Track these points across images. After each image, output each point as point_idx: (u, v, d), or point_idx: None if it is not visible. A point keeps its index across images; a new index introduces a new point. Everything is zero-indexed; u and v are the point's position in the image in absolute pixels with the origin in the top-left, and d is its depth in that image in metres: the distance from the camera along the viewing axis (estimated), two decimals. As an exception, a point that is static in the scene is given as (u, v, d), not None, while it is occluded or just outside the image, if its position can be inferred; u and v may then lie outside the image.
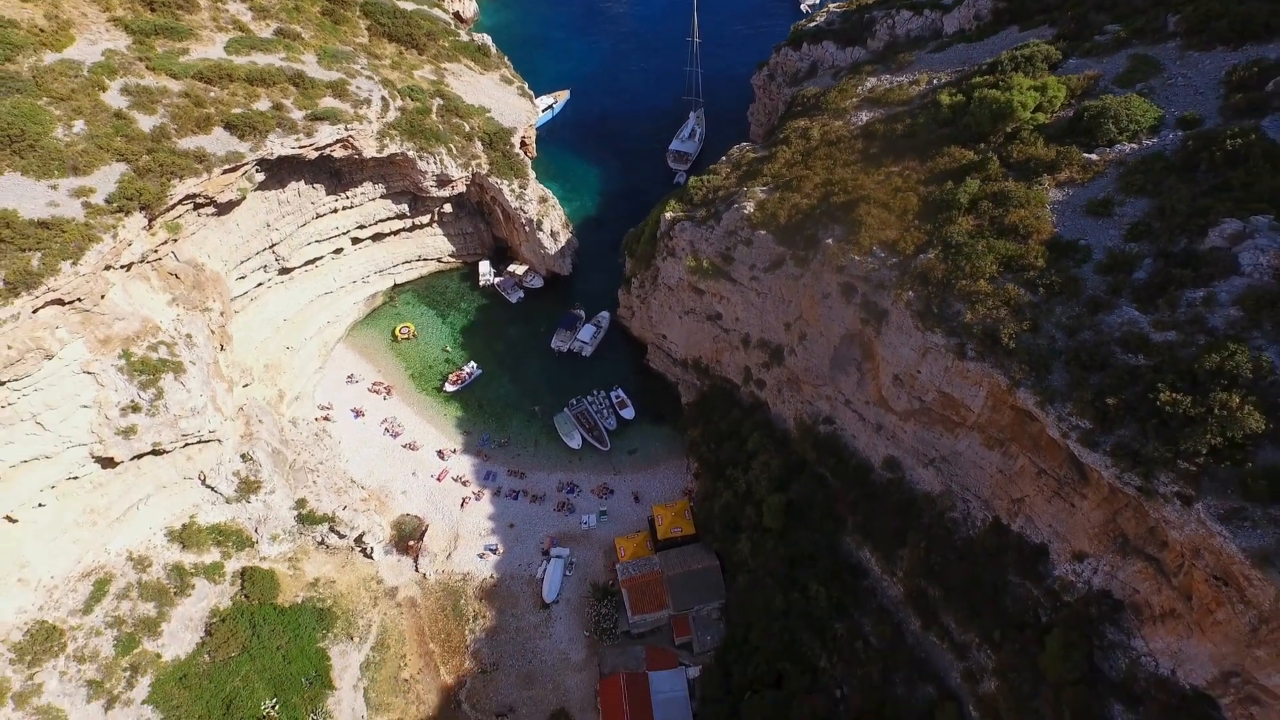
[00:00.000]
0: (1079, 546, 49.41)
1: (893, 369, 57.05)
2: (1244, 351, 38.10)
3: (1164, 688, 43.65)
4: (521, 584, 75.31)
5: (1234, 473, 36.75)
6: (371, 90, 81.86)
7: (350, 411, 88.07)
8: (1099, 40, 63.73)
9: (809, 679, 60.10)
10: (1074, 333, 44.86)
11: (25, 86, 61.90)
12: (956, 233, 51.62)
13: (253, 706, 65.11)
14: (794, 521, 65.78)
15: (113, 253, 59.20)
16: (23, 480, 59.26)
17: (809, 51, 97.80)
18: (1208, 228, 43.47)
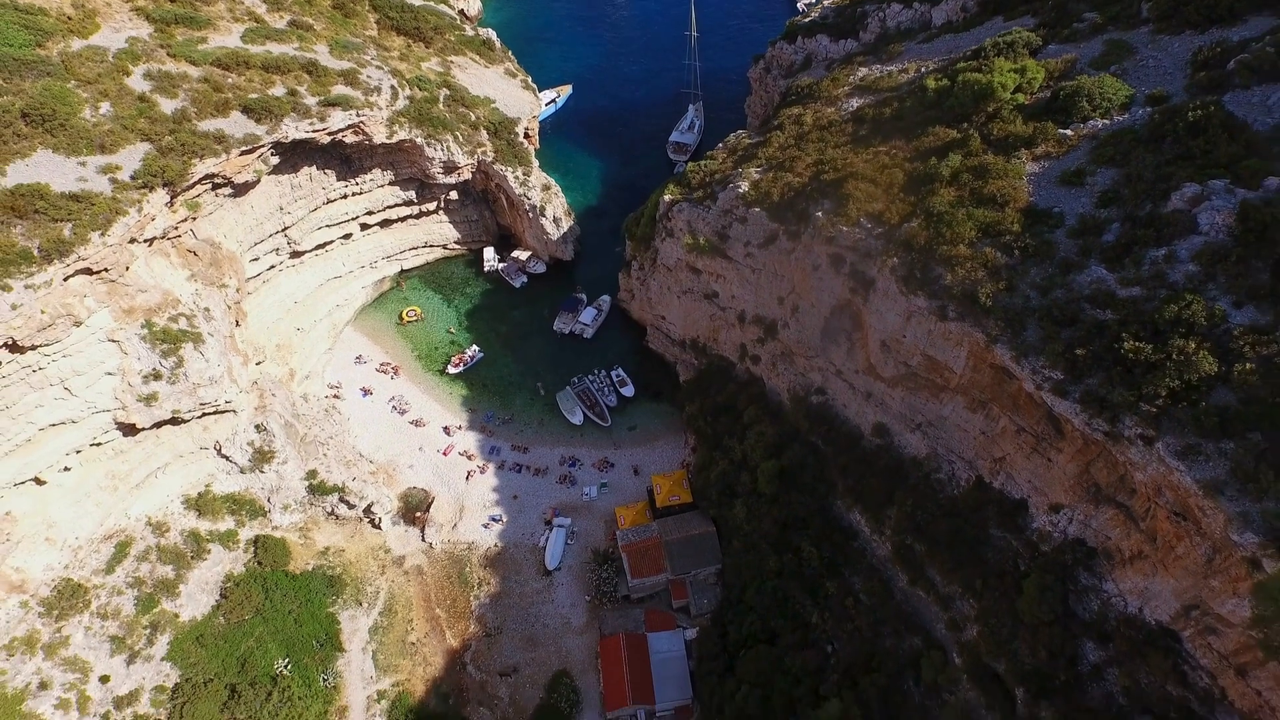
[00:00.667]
0: (1055, 499, 52.21)
1: (880, 335, 59.98)
2: (1200, 302, 41.01)
3: (1132, 625, 46.39)
4: (525, 552, 78.03)
5: (1190, 412, 39.52)
6: (381, 79, 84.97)
7: (359, 390, 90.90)
8: (1077, 27, 66.73)
9: (801, 635, 62.79)
10: (1047, 291, 47.75)
11: (55, 70, 64.98)
12: (939, 203, 54.59)
13: (266, 665, 67.75)
14: (787, 486, 68.54)
15: (138, 226, 62.19)
16: (50, 443, 62.15)
17: (803, 45, 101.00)
18: (1170, 192, 46.44)
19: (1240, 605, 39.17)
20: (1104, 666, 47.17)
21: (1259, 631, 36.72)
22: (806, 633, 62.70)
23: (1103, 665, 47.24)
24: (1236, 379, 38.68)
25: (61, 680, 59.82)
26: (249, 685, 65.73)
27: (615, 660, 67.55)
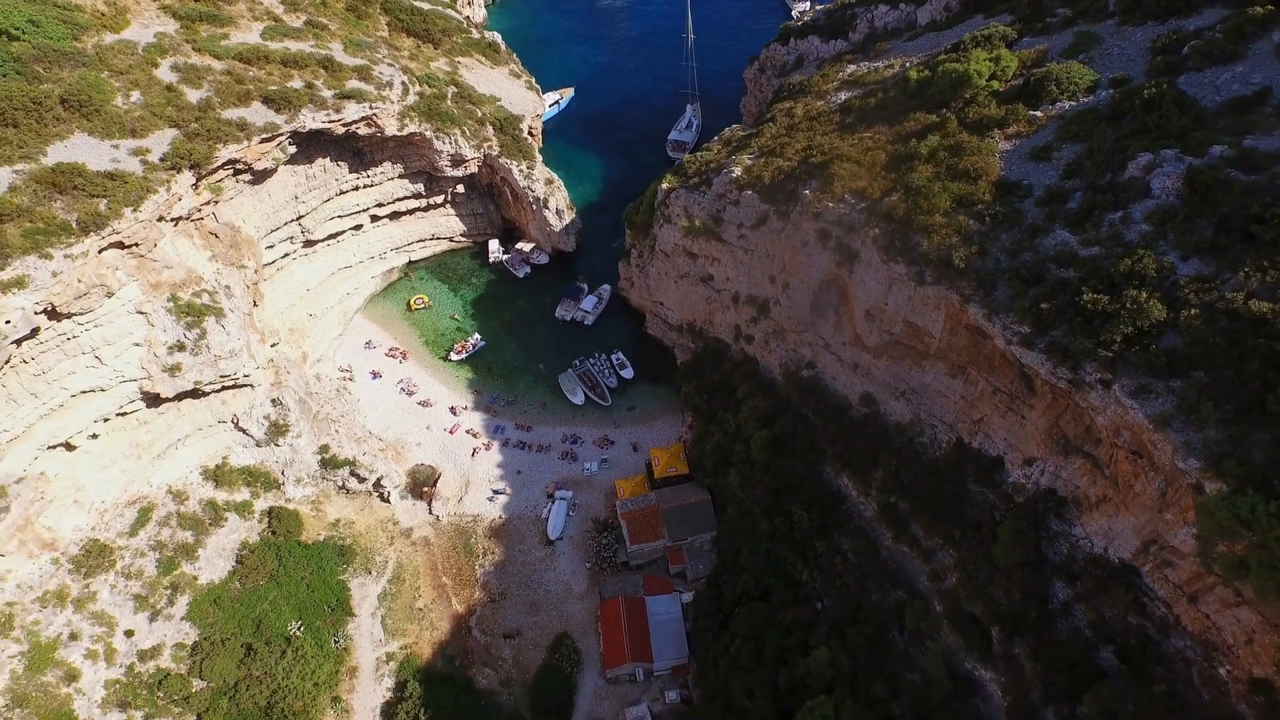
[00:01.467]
0: (1029, 453, 55.71)
1: (864, 305, 63.70)
2: (1150, 256, 44.75)
3: (1097, 564, 49.71)
4: (528, 523, 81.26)
5: (1142, 356, 43.11)
6: (393, 76, 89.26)
7: (368, 373, 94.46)
8: (1050, 21, 70.94)
9: (792, 592, 65.93)
10: (1015, 254, 51.52)
11: (90, 61, 69.16)
12: (917, 178, 58.48)
13: (280, 627, 70.78)
14: (779, 454, 71.93)
15: (166, 204, 66.08)
16: (81, 410, 65.64)
17: (796, 46, 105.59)
18: (1127, 162, 50.30)
19: (1190, 534, 42.53)
20: (1072, 603, 50.42)
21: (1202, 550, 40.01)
22: (797, 590, 65.83)
23: (1071, 602, 50.49)
24: (1183, 324, 42.30)
25: (90, 633, 62.93)
26: (264, 644, 68.75)
27: (615, 621, 70.62)
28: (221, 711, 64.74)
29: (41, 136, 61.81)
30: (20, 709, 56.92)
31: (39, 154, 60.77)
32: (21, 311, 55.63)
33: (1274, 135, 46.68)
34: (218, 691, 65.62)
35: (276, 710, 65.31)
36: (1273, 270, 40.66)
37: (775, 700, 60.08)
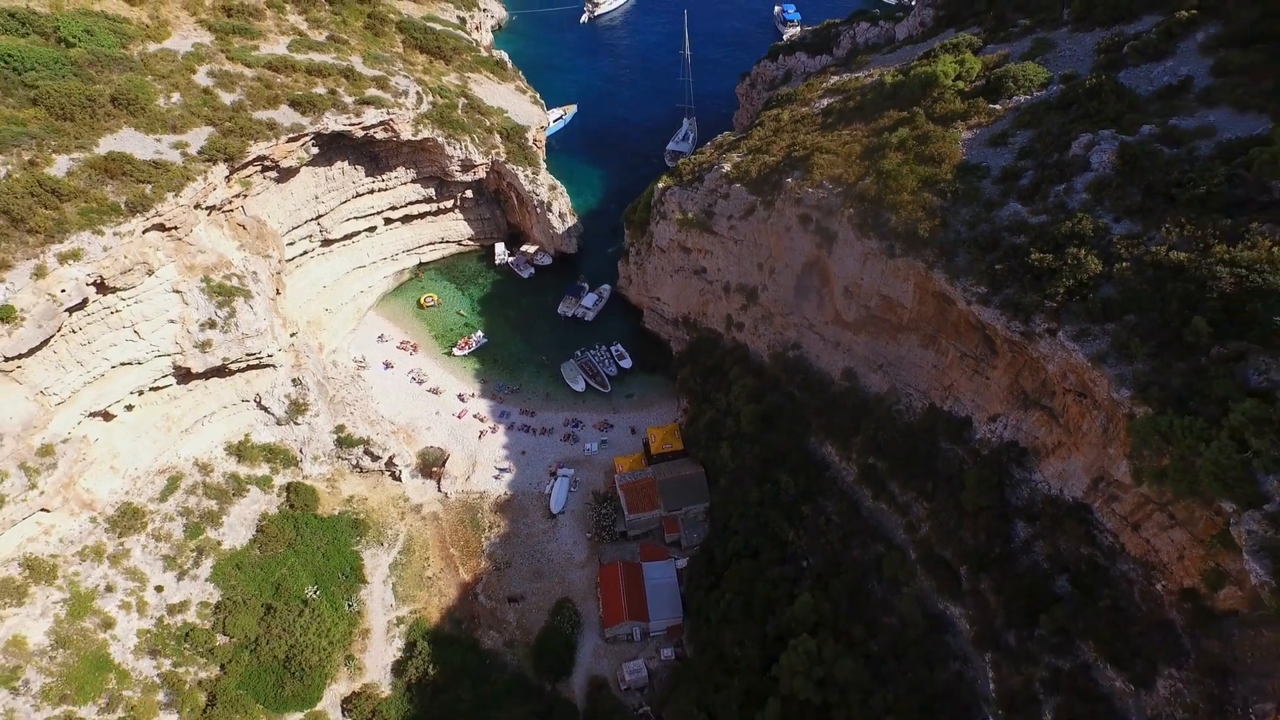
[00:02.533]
0: (993, 410, 60.91)
1: (843, 282, 69.30)
2: (1088, 219, 50.42)
3: (1053, 504, 54.54)
4: (531, 499, 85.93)
5: (1081, 305, 48.50)
6: (408, 86, 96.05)
7: (381, 364, 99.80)
8: (1012, 30, 77.71)
9: (779, 552, 70.40)
10: (974, 226, 57.19)
11: (136, 66, 75.72)
12: (888, 164, 64.45)
13: (298, 590, 75.08)
14: (767, 427, 76.95)
15: (203, 192, 72.13)
16: (119, 380, 70.93)
17: (784, 62, 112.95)
18: (1071, 142, 56.26)
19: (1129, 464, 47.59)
20: (1031, 540, 55.09)
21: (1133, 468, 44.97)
22: (784, 550, 70.30)
23: (1030, 540, 55.17)
24: (1116, 275, 47.77)
25: (124, 586, 67.36)
26: (283, 605, 72.99)
27: (613, 584, 74.97)
28: (243, 663, 68.87)
29: (95, 129, 67.98)
30: (63, 649, 61.23)
31: (92, 144, 66.88)
32: (75, 281, 61.22)
33: (1195, 116, 52.66)
34: (240, 645, 69.83)
35: (294, 663, 69.40)
36: (1189, 226, 46.27)
37: (763, 648, 64.33)
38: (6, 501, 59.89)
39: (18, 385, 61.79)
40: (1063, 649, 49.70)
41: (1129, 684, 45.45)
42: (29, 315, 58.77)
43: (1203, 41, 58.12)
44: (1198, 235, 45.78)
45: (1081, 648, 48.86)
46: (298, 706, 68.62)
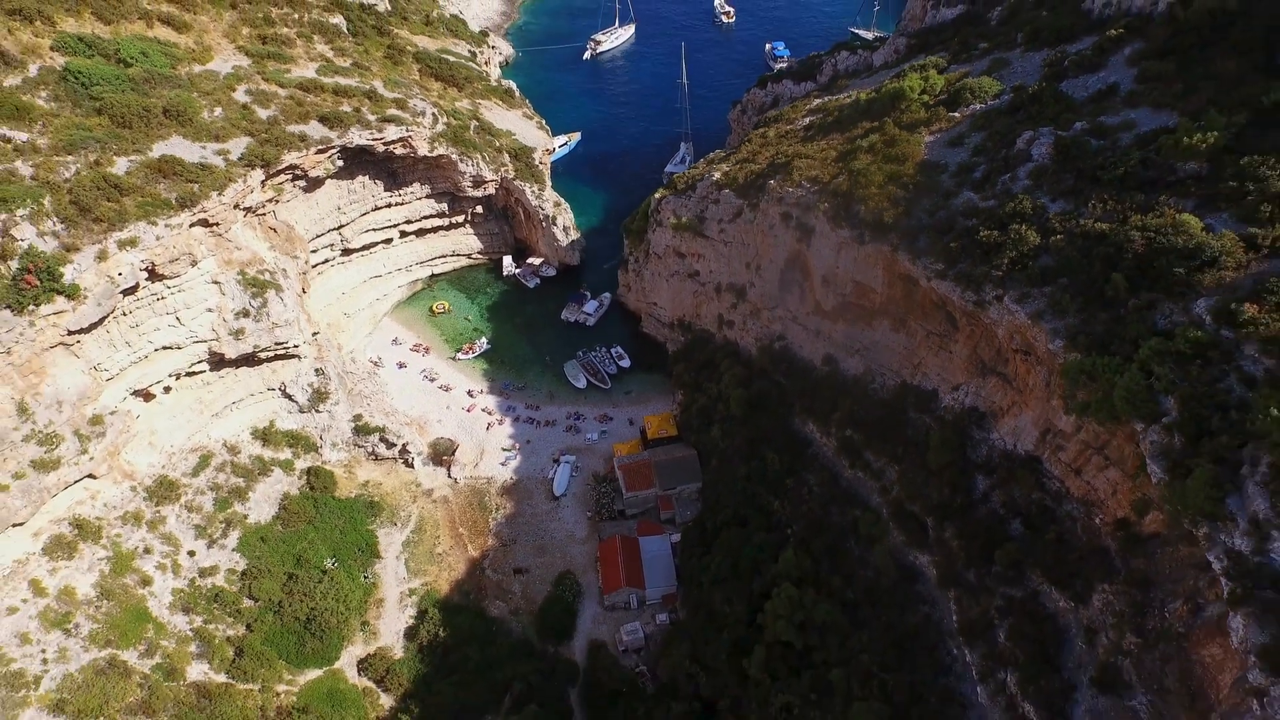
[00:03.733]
0: (955, 381, 67.48)
1: (821, 272, 76.37)
2: (1028, 200, 57.74)
3: (1008, 458, 60.72)
4: (536, 483, 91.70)
5: (1023, 273, 55.47)
6: (425, 107, 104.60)
7: (395, 364, 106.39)
8: (974, 53, 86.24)
9: (766, 520, 76.01)
10: (933, 213, 64.47)
11: (183, 84, 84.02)
12: (858, 164, 72.07)
13: (317, 562, 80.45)
14: (754, 410, 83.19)
15: (241, 193, 79.71)
16: (160, 363, 77.57)
17: (772, 89, 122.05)
18: (1016, 139, 63.85)
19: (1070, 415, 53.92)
20: (989, 491, 61.04)
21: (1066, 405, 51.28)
22: (770, 518, 75.91)
23: (989, 491, 61.13)
24: (1052, 246, 54.86)
25: (160, 549, 72.90)
26: (304, 573, 78.29)
27: (612, 555, 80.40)
28: (268, 623, 73.98)
29: (149, 136, 75.79)
30: (107, 600, 66.59)
31: (147, 148, 74.63)
32: (131, 266, 68.30)
33: (1119, 114, 60.24)
34: (264, 608, 74.98)
35: (314, 625, 74.48)
36: (1110, 201, 53.47)
37: (749, 604, 69.58)
38: (62, 463, 66.00)
39: (76, 359, 68.41)
40: (1015, 580, 55.32)
41: (1069, 601, 51.07)
42: (91, 294, 65.71)
43: (1129, 55, 66.17)
44: (1117, 209, 52.96)
45: (1030, 577, 54.50)
46: (317, 664, 73.51)
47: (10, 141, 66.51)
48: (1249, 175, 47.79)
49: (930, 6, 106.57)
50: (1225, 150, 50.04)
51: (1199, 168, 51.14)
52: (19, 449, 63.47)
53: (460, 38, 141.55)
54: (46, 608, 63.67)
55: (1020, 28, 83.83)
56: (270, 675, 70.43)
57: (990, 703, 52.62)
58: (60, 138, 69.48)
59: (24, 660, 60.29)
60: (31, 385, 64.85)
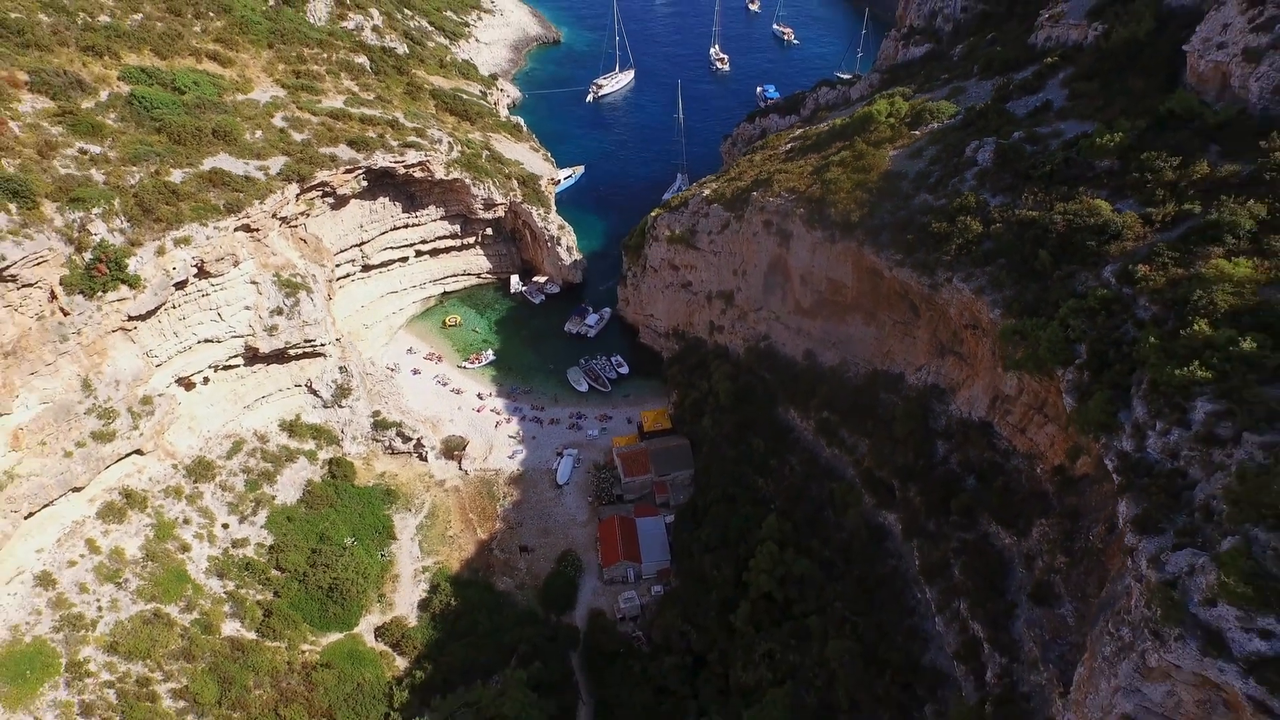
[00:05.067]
0: (918, 363, 75.40)
1: (799, 272, 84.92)
2: (973, 196, 66.52)
3: (964, 424, 68.22)
4: (541, 474, 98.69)
5: (969, 256, 63.92)
6: (442, 136, 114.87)
7: (410, 370, 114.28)
8: (936, 83, 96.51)
9: (752, 496, 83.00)
10: (894, 213, 73.30)
11: (228, 110, 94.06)
12: (830, 175, 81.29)
13: (338, 540, 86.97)
14: (741, 401, 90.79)
15: (279, 203, 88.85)
16: (201, 354, 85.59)
17: (760, 123, 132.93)
18: (964, 148, 73.07)
19: (1012, 379, 61.75)
20: (948, 455, 68.35)
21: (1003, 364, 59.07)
22: (756, 494, 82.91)
23: (947, 454, 68.44)
24: (993, 233, 63.42)
25: (197, 520, 79.68)
26: (327, 548, 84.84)
27: (611, 533, 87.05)
28: (293, 591, 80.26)
29: (200, 152, 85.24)
30: (151, 562, 73.22)
31: (199, 162, 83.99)
32: (184, 262, 76.87)
33: (1050, 126, 69.42)
34: (290, 578, 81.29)
35: (336, 593, 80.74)
36: (1039, 193, 62.22)
37: (736, 567, 76.16)
38: (117, 436, 73.43)
39: (132, 344, 76.47)
40: (968, 526, 62.31)
41: (1013, 537, 58.02)
42: (149, 284, 74.12)
43: (1062, 79, 75.87)
44: (1045, 199, 61.67)
45: (981, 521, 61.55)
46: (338, 628, 79.60)
47: (87, 153, 75.67)
48: (1148, 167, 56.45)
49: (901, 47, 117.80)
50: (1131, 148, 58.85)
51: (1111, 163, 59.94)
52: (82, 420, 71.01)
53: (471, 80, 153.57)
54: (100, 564, 70.39)
55: (976, 61, 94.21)
56: (295, 636, 76.53)
57: (946, 629, 59.17)
58: (127, 151, 78.78)
59: (82, 606, 66.82)
60: (95, 364, 72.75)
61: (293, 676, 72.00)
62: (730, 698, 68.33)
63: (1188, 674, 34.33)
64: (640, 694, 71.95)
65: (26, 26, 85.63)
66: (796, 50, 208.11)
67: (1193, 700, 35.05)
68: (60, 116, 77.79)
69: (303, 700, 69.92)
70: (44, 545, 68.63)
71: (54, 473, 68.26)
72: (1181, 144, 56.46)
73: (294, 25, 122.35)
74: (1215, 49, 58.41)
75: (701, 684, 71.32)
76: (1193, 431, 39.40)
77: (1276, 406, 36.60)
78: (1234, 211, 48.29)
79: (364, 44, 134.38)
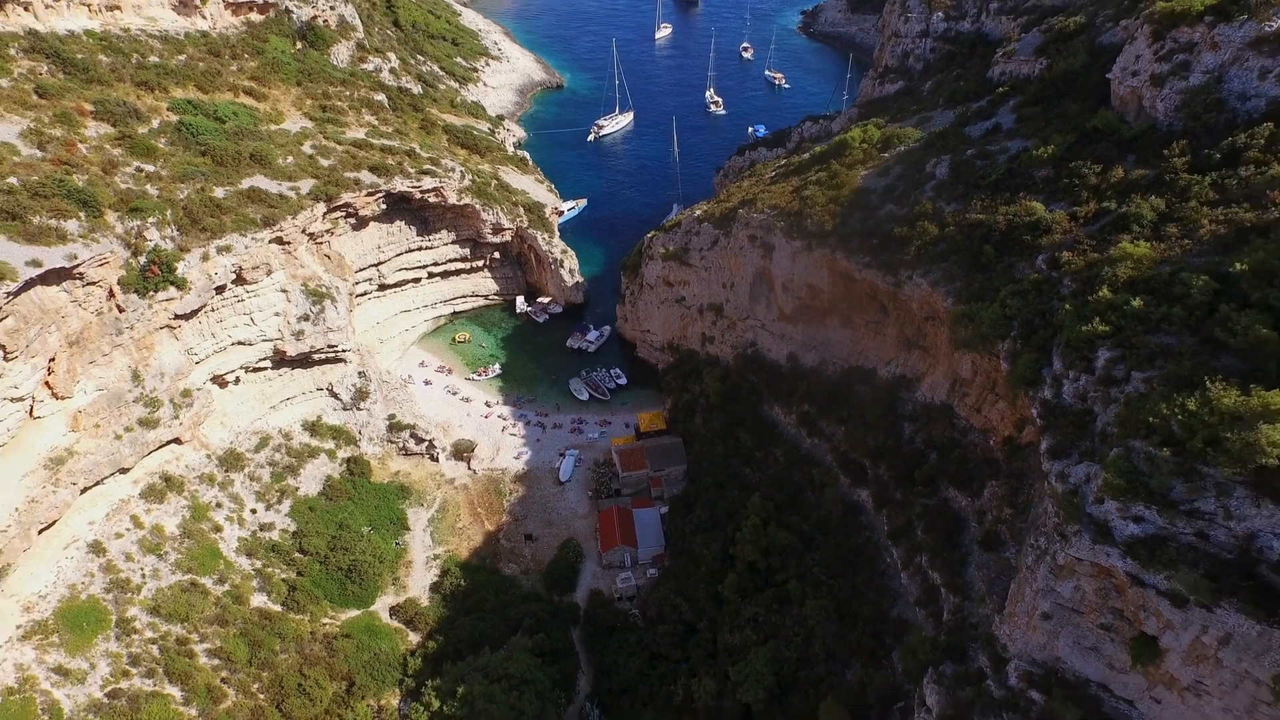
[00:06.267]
0: (888, 357, 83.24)
1: (781, 280, 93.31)
2: (931, 203, 75.25)
3: (928, 408, 75.75)
4: (544, 472, 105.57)
5: (926, 255, 72.31)
6: (454, 165, 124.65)
7: (422, 381, 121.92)
8: (907, 114, 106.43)
9: (739, 483, 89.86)
10: (864, 222, 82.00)
11: (263, 138, 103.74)
12: (808, 192, 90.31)
13: (356, 528, 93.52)
14: (730, 400, 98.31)
15: (309, 219, 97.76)
16: (234, 355, 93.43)
17: (749, 156, 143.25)
18: (925, 165, 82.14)
19: (967, 363, 69.58)
20: (914, 435, 75.65)
21: (953, 343, 66.86)
22: (743, 481, 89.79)
23: (913, 434, 75.74)
24: (947, 235, 71.92)
25: (228, 505, 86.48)
26: (346, 535, 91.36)
27: (609, 521, 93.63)
28: (315, 571, 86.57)
29: (239, 173, 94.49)
30: (188, 539, 79.89)
31: (238, 181, 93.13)
32: (225, 268, 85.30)
33: (999, 144, 78.52)
34: (312, 560, 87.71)
35: (354, 574, 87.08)
36: (986, 199, 70.88)
37: (724, 545, 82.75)
38: (160, 424, 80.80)
39: (176, 341, 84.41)
40: (929, 493, 69.41)
41: (968, 498, 65.13)
42: (194, 286, 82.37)
43: (1012, 105, 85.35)
44: (991, 203, 70.33)
45: (941, 487, 68.62)
46: (356, 605, 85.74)
47: (142, 171, 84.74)
48: (1075, 174, 65.15)
49: (877, 85, 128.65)
50: (1062, 159, 67.70)
51: (1046, 172, 68.74)
52: (130, 408, 78.49)
53: (480, 119, 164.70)
54: (143, 537, 77.11)
55: (942, 94, 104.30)
56: (317, 610, 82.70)
57: (910, 581, 65.81)
58: (176, 170, 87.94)
59: (128, 572, 73.35)
60: (143, 358, 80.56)
61: (315, 644, 77.97)
62: (718, 658, 74.27)
63: (1087, 565, 41.55)
64: (635, 660, 77.85)
65: (90, 65, 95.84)
66: (787, 94, 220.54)
67: (1093, 590, 42.17)
68: (120, 140, 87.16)
69: (325, 664, 75.81)
70: (95, 519, 75.49)
71: (106, 453, 75.47)
72: (1103, 154, 65.34)
73: (319, 66, 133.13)
74: (1130, 76, 67.65)
75: (692, 649, 77.20)
76: (1096, 375, 47.03)
77: (1157, 349, 44.31)
78: (1139, 206, 56.71)
79: (382, 84, 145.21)
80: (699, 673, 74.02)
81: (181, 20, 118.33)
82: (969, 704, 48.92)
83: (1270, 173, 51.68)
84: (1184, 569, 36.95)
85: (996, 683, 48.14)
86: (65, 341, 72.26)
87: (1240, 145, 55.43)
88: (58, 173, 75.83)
